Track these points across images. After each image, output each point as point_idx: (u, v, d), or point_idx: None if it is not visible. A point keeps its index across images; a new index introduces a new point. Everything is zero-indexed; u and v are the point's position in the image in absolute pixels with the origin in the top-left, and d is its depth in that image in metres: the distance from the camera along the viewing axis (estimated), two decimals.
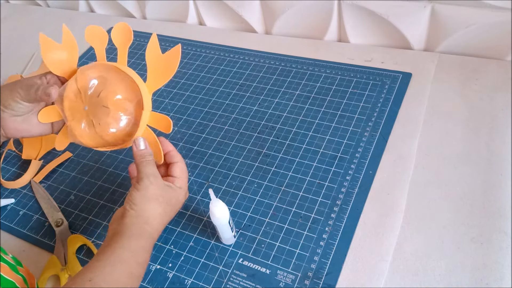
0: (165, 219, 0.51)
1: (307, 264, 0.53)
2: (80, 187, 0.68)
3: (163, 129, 0.52)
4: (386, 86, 0.71)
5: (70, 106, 0.53)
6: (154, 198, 0.49)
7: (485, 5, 0.65)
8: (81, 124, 0.53)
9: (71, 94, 0.53)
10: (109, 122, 0.52)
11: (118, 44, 0.54)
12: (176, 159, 0.54)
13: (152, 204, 0.49)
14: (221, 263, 0.55)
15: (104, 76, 0.53)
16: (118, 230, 0.48)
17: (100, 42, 0.55)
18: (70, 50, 0.55)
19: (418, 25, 0.73)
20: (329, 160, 0.63)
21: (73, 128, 0.54)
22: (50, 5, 1.14)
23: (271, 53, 0.82)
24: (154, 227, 0.49)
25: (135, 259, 0.46)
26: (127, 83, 0.52)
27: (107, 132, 0.52)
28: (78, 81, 0.53)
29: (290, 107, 0.71)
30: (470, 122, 0.63)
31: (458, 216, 0.54)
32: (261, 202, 0.60)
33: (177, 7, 0.94)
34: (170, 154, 0.54)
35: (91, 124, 0.52)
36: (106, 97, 0.52)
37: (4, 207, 0.67)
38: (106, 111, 0.52)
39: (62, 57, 0.54)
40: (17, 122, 0.54)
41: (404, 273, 0.51)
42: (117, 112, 0.52)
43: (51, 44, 0.55)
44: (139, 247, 0.47)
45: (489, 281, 0.48)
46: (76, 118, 0.53)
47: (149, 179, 0.50)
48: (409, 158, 0.61)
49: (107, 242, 0.47)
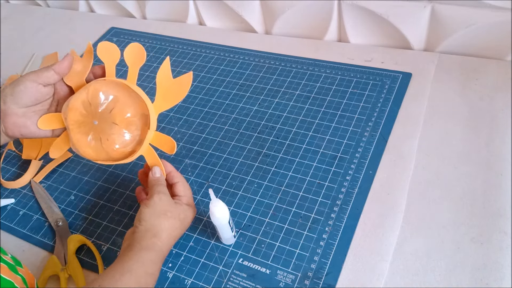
0: (174, 233, 0.52)
1: (307, 264, 0.53)
2: (80, 187, 0.68)
3: (167, 150, 0.54)
4: (386, 86, 0.71)
5: (76, 117, 0.54)
6: (163, 213, 0.51)
7: (485, 5, 0.65)
8: (87, 137, 0.54)
9: (79, 104, 0.54)
10: (117, 138, 0.54)
11: (130, 64, 0.56)
12: (177, 179, 0.56)
13: (160, 219, 0.51)
14: (221, 263, 0.55)
15: (116, 94, 0.54)
16: (130, 244, 0.50)
17: (112, 58, 0.56)
18: (85, 64, 0.57)
19: (418, 25, 0.73)
20: (329, 160, 0.63)
21: (78, 139, 0.55)
22: (50, 5, 1.14)
23: (271, 53, 0.82)
24: (164, 241, 0.50)
25: (144, 269, 0.47)
26: (136, 102, 0.54)
27: (113, 148, 0.54)
28: (89, 94, 0.54)
29: (290, 107, 0.71)
30: (470, 122, 0.63)
31: (458, 216, 0.54)
32: (261, 202, 0.60)
33: (177, 7, 0.94)
34: (170, 175, 0.57)
35: (98, 139, 0.54)
36: (117, 114, 0.53)
37: (4, 207, 0.67)
38: (115, 128, 0.53)
39: (76, 69, 0.57)
40: (17, 116, 0.54)
41: (404, 273, 0.51)
42: (125, 129, 0.54)
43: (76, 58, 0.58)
44: (148, 259, 0.48)
45: (489, 281, 0.48)
46: (83, 130, 0.54)
47: (159, 196, 0.52)
48: (409, 158, 0.61)
49: (119, 257, 0.49)
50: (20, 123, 0.55)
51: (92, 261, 0.58)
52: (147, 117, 0.54)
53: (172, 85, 0.54)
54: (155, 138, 0.55)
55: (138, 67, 0.56)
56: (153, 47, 0.90)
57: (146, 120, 0.54)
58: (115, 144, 0.54)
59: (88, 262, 0.58)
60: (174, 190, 0.56)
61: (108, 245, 0.60)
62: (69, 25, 1.04)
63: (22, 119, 0.55)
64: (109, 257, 0.58)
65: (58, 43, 0.99)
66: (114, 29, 0.98)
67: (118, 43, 0.93)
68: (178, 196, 0.55)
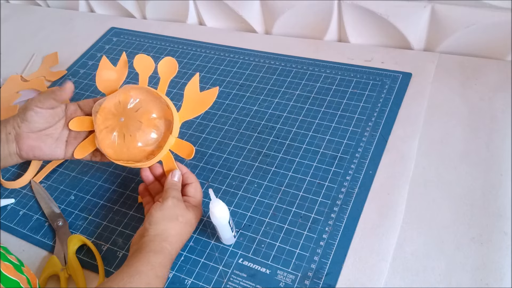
0: (183, 238, 0.53)
1: (307, 264, 0.53)
2: (80, 187, 0.68)
3: (185, 155, 0.57)
4: (386, 86, 0.71)
5: (105, 115, 0.58)
6: (174, 218, 0.52)
7: (485, 5, 0.65)
8: (112, 134, 0.58)
9: (111, 105, 0.58)
10: (140, 135, 0.57)
11: (162, 75, 0.60)
12: (191, 180, 0.58)
13: (172, 224, 0.51)
14: (221, 263, 0.55)
15: (144, 97, 0.58)
16: (138, 247, 0.50)
17: (146, 70, 0.61)
18: (120, 75, 0.62)
19: (418, 25, 0.73)
20: (329, 160, 0.63)
21: (103, 137, 0.58)
22: (50, 5, 1.14)
23: (271, 53, 0.82)
24: (173, 245, 0.51)
25: (154, 272, 0.47)
26: (162, 107, 0.58)
27: (135, 144, 0.57)
28: (121, 95, 0.58)
29: (290, 107, 0.71)
30: (470, 122, 0.63)
31: (458, 216, 0.54)
32: (261, 202, 0.60)
33: (177, 7, 0.94)
34: (185, 176, 0.58)
35: (121, 135, 0.57)
36: (143, 113, 0.57)
37: (4, 207, 0.67)
38: (139, 125, 0.57)
39: (111, 77, 0.62)
40: (32, 139, 0.57)
41: (404, 273, 0.51)
42: (149, 128, 0.57)
43: (107, 64, 0.63)
44: (157, 262, 0.48)
45: (489, 281, 0.48)
46: (109, 127, 0.58)
47: (172, 200, 0.53)
48: (409, 158, 0.61)
49: (128, 260, 0.49)
50: (34, 146, 0.58)
51: (92, 261, 0.58)
52: (170, 123, 0.57)
53: (198, 97, 0.58)
54: (176, 144, 0.58)
55: (169, 79, 0.60)
56: (153, 47, 0.90)
57: (169, 125, 0.57)
58: (138, 141, 0.57)
59: (88, 262, 0.58)
60: (185, 191, 0.57)
61: (108, 245, 0.60)
62: (69, 25, 1.04)
63: (36, 142, 0.57)
64: (109, 257, 0.58)
65: (58, 43, 0.99)
66: (114, 29, 0.98)
67: (118, 43, 0.93)
68: (187, 197, 0.56)
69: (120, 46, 0.92)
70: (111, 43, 0.94)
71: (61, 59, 0.93)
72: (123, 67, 0.62)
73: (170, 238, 0.50)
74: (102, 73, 0.62)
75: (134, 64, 0.62)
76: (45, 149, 0.58)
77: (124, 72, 0.62)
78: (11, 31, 1.07)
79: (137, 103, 0.58)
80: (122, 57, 0.62)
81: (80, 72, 0.89)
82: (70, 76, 0.88)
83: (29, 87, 0.86)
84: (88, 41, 0.96)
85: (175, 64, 0.60)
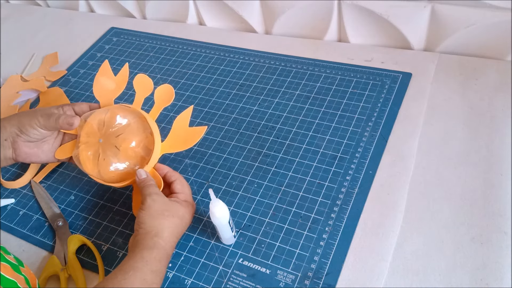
0: (175, 231, 0.52)
1: (307, 264, 0.53)
2: (80, 187, 0.68)
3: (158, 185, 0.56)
4: (386, 86, 0.71)
5: (88, 129, 0.58)
6: (160, 213, 0.51)
7: (485, 5, 0.65)
8: (88, 151, 0.58)
9: (95, 122, 0.58)
10: (113, 161, 0.56)
11: (157, 101, 0.60)
12: (175, 177, 0.57)
13: (158, 220, 0.51)
14: (221, 263, 0.55)
15: (130, 122, 0.57)
16: (131, 247, 0.50)
17: (144, 90, 0.61)
18: (119, 85, 0.61)
19: (418, 25, 0.73)
20: (329, 160, 0.63)
21: (82, 149, 0.58)
22: (50, 5, 1.14)
23: (271, 53, 0.82)
24: (166, 239, 0.50)
25: (149, 267, 0.47)
26: (146, 137, 0.57)
27: (107, 169, 0.57)
28: (108, 113, 0.58)
29: (290, 107, 0.71)
30: (470, 122, 0.63)
31: (458, 216, 0.54)
32: (261, 202, 0.60)
33: (177, 7, 0.94)
34: (167, 175, 0.57)
35: (96, 156, 0.57)
36: (123, 140, 0.56)
37: (4, 207, 0.67)
38: (115, 152, 0.56)
39: (109, 87, 0.61)
40: (29, 147, 0.58)
41: (404, 273, 0.51)
42: (124, 157, 0.56)
43: (108, 71, 0.62)
44: (151, 257, 0.48)
45: (489, 281, 0.48)
46: (88, 143, 0.58)
47: (151, 197, 0.52)
48: (409, 158, 0.61)
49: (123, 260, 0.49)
50: (31, 153, 0.59)
51: (92, 261, 0.58)
52: (150, 152, 0.56)
53: (185, 133, 0.57)
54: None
55: (163, 106, 0.60)
56: (153, 47, 0.90)
57: (149, 153, 0.56)
58: (110, 166, 0.56)
59: (88, 262, 0.58)
60: (172, 188, 0.56)
61: (108, 245, 0.60)
62: (69, 25, 1.04)
63: (33, 149, 0.59)
64: (109, 257, 0.58)
65: (58, 43, 0.99)
66: (114, 29, 0.98)
67: (118, 43, 0.93)
68: (176, 194, 0.55)
69: (120, 46, 0.92)
70: (111, 43, 0.94)
71: (61, 59, 0.93)
72: (123, 79, 0.61)
73: (161, 232, 0.50)
74: (100, 80, 0.62)
75: (134, 83, 0.61)
76: (41, 156, 0.60)
77: (123, 85, 0.61)
78: (11, 31, 1.07)
79: (120, 128, 0.57)
80: (124, 68, 0.62)
81: (80, 72, 0.89)
82: (70, 76, 0.88)
83: (29, 87, 0.86)
84: (88, 41, 0.96)
85: (172, 93, 0.60)
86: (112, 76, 0.62)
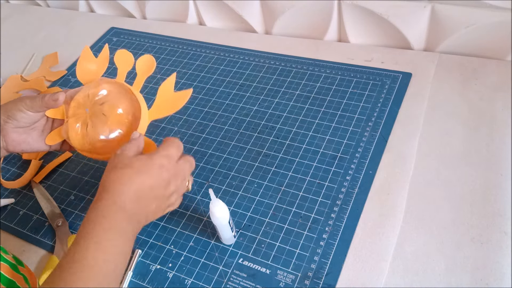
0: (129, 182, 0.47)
1: (307, 264, 0.53)
2: (80, 187, 0.68)
3: None
4: (386, 86, 0.71)
5: (75, 106, 0.58)
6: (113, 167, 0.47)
7: (485, 5, 0.65)
8: (76, 124, 0.57)
9: (80, 97, 0.58)
10: (101, 128, 0.56)
11: (139, 72, 0.60)
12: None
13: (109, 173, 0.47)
14: (221, 263, 0.55)
15: (114, 91, 0.58)
16: None
17: (125, 65, 0.61)
18: (101, 65, 0.61)
19: (418, 25, 0.73)
20: (329, 160, 0.63)
21: (69, 126, 0.57)
22: (50, 5, 1.14)
23: (271, 53, 0.82)
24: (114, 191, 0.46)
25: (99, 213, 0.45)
26: (132, 104, 0.57)
27: (97, 138, 0.56)
28: (91, 88, 0.58)
29: (290, 107, 0.71)
30: (470, 122, 0.63)
31: (458, 216, 0.54)
32: (261, 202, 0.60)
33: (177, 7, 0.94)
34: None
35: (85, 126, 0.56)
36: (109, 107, 0.56)
37: (4, 207, 0.67)
38: (103, 119, 0.56)
39: (91, 68, 0.61)
40: (18, 133, 0.57)
41: (404, 273, 0.51)
42: (113, 123, 0.56)
43: (89, 55, 0.62)
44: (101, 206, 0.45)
45: (489, 281, 0.48)
46: (75, 116, 0.57)
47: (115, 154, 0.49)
48: (409, 158, 0.61)
49: None
50: (20, 140, 0.57)
51: None
52: (138, 120, 0.56)
53: (170, 97, 0.57)
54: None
55: (146, 76, 0.59)
56: (153, 47, 0.90)
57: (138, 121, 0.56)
58: (100, 134, 0.56)
59: None
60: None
61: None
62: (69, 25, 1.04)
63: (23, 136, 0.57)
64: None
65: (58, 43, 0.99)
66: (114, 29, 0.98)
67: (118, 43, 0.93)
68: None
69: (120, 46, 0.92)
70: (111, 43, 0.94)
71: (61, 59, 0.93)
72: (104, 59, 0.61)
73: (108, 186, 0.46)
74: (82, 64, 0.61)
75: (115, 59, 0.61)
76: (32, 143, 0.58)
77: (104, 65, 0.61)
78: (11, 31, 1.07)
79: (104, 96, 0.57)
80: (104, 49, 0.62)
81: None
82: (70, 76, 0.88)
83: (29, 87, 0.86)
84: (88, 41, 0.96)
85: (153, 62, 0.59)
86: (93, 59, 0.62)
